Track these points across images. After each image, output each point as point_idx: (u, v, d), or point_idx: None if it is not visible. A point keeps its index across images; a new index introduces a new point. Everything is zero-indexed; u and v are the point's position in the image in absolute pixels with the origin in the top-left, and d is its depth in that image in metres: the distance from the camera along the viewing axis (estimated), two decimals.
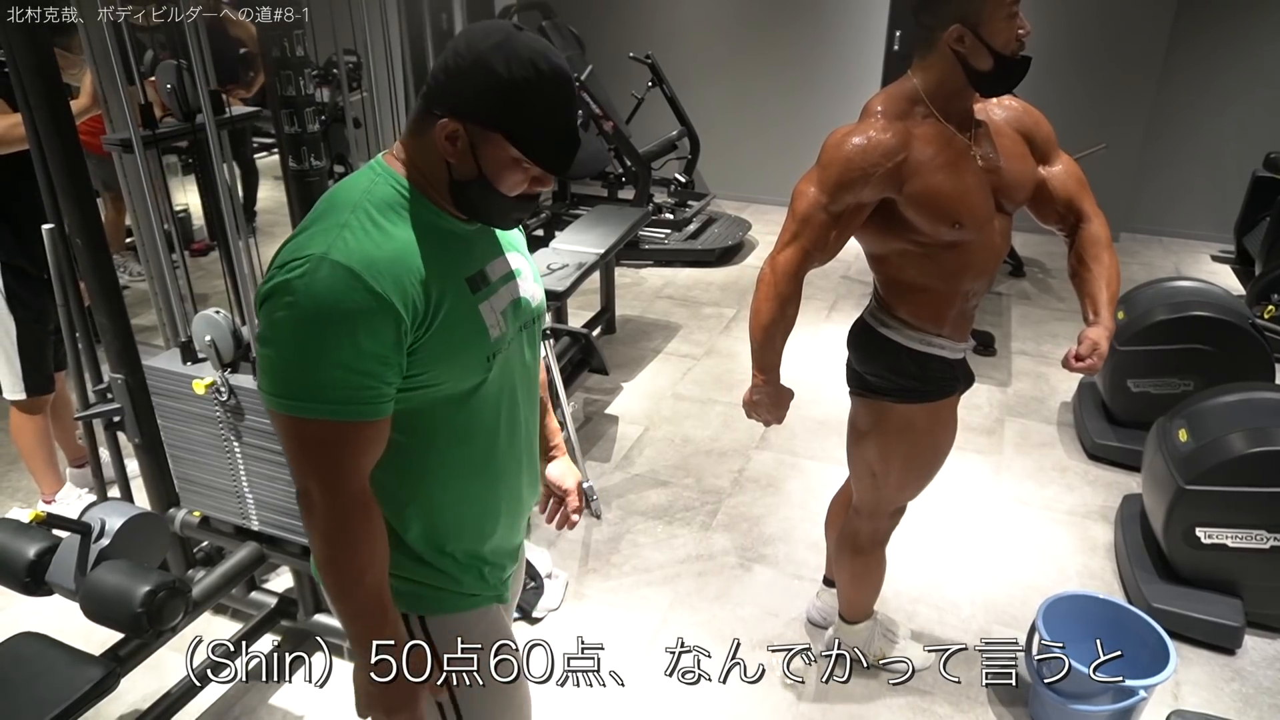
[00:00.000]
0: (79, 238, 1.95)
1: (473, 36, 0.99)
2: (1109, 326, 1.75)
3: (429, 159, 1.04)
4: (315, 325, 0.96)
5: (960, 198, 1.67)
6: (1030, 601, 2.55)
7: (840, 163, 1.64)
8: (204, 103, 1.81)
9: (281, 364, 0.98)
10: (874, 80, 5.98)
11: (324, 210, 1.04)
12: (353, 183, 1.06)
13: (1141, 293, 3.32)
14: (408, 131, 1.07)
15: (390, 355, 1.00)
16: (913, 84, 1.67)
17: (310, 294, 0.95)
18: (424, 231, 1.04)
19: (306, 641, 2.37)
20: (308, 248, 0.98)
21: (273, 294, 0.98)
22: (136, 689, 2.17)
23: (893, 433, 1.91)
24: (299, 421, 0.99)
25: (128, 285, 4.40)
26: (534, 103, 0.99)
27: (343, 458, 1.02)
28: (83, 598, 1.66)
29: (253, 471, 2.05)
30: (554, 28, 5.30)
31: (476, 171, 1.03)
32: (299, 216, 2.01)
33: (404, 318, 0.99)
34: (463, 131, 1.00)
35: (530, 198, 1.09)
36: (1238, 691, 2.26)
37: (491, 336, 1.10)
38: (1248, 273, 5.04)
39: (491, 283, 1.13)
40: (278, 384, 0.99)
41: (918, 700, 2.23)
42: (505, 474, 1.24)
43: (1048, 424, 3.57)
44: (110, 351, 2.07)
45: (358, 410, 1.00)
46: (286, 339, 0.97)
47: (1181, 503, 2.37)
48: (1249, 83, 5.36)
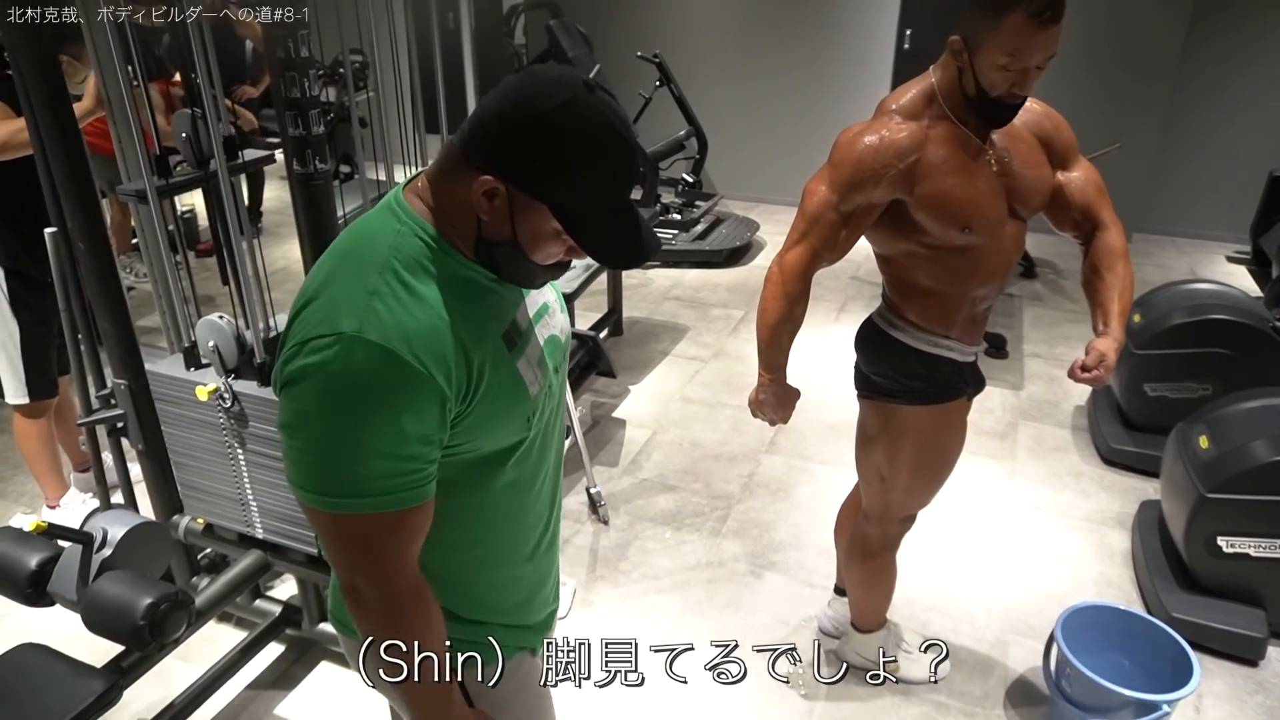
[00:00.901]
0: (82, 241, 1.92)
1: (535, 89, 0.86)
2: (1118, 338, 1.71)
3: (459, 209, 0.92)
4: (352, 413, 0.86)
5: (971, 202, 1.64)
6: (1047, 610, 2.50)
7: (852, 162, 1.62)
8: (217, 149, 1.80)
9: (315, 458, 0.88)
10: (884, 79, 5.93)
11: (347, 268, 0.92)
12: (376, 233, 0.94)
13: (1158, 295, 3.27)
14: (438, 172, 0.94)
15: (435, 434, 0.91)
16: (931, 81, 1.64)
17: (345, 379, 0.85)
18: (455, 289, 0.93)
19: (312, 650, 2.35)
20: (336, 323, 0.86)
21: (298, 377, 0.87)
22: (141, 698, 2.14)
23: (900, 435, 1.88)
24: (339, 518, 0.90)
25: (133, 286, 4.38)
26: (591, 182, 0.88)
27: (392, 549, 0.94)
28: (84, 609, 1.63)
29: (257, 479, 2.02)
30: (562, 27, 5.26)
31: (510, 235, 0.92)
32: (304, 221, 1.98)
33: (448, 394, 0.90)
34: (503, 192, 0.88)
35: (563, 265, 0.99)
36: (1261, 704, 2.22)
37: (531, 394, 1.02)
38: (1264, 274, 4.98)
39: (524, 332, 1.03)
40: (312, 478, 0.89)
41: (931, 711, 2.19)
42: (539, 519, 1.16)
43: (1061, 428, 3.53)
44: (113, 357, 2.04)
45: (404, 498, 0.91)
46: (320, 430, 0.87)
47: (1203, 511, 2.32)
48: (1265, 84, 5.29)
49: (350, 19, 2.15)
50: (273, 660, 2.32)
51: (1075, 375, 1.70)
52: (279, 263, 5.03)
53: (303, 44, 1.64)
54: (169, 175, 1.94)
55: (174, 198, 2.06)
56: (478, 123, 0.89)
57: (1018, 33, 1.47)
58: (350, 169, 5.42)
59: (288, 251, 5.24)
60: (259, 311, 1.95)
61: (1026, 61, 1.50)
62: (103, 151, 3.38)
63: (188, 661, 2.26)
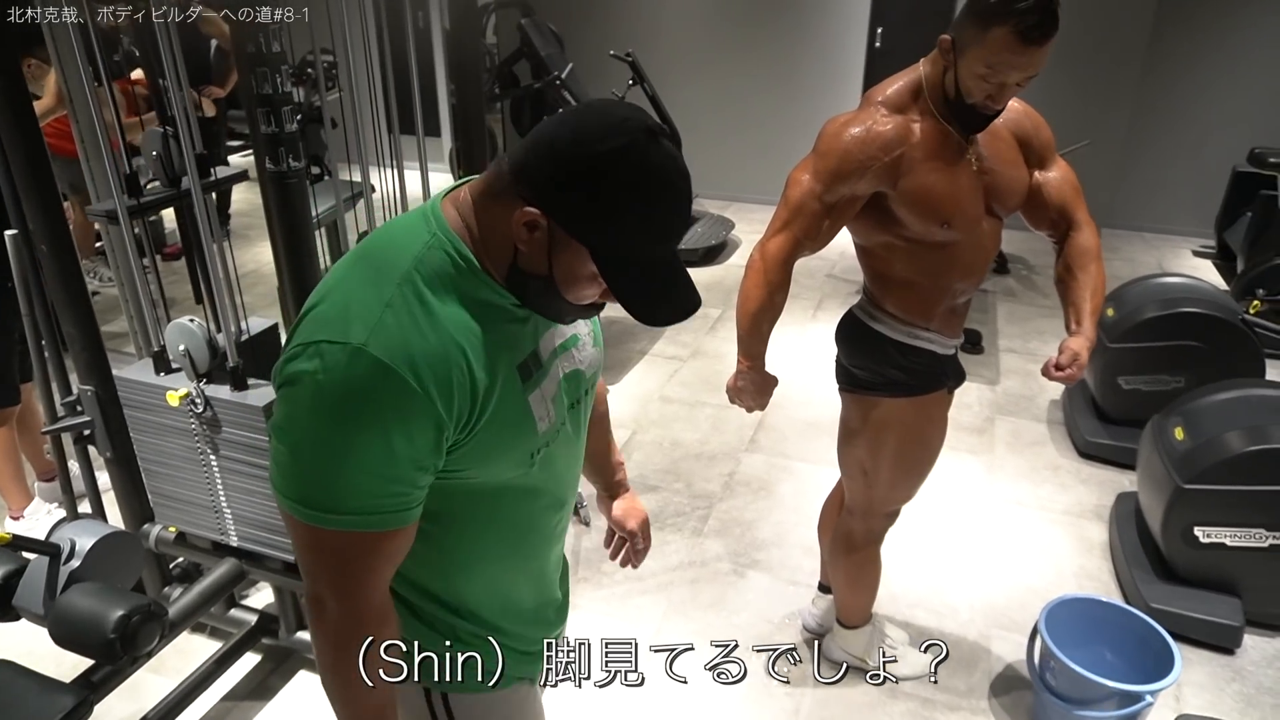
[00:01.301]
0: (44, 244, 1.86)
1: (596, 128, 0.82)
2: (1090, 337, 1.74)
3: (497, 232, 0.88)
4: (343, 426, 0.83)
5: (952, 198, 1.65)
6: (1029, 604, 2.52)
7: (838, 153, 1.62)
8: (190, 168, 1.76)
9: (300, 464, 0.85)
10: (856, 78, 5.96)
11: (367, 272, 0.89)
12: (404, 240, 0.90)
13: (1131, 289, 3.31)
14: (483, 189, 0.90)
15: (426, 459, 0.87)
16: (920, 75, 1.65)
17: (340, 388, 0.82)
18: (475, 312, 0.89)
19: (290, 659, 2.30)
20: (344, 330, 0.83)
21: (296, 379, 0.84)
22: (112, 713, 2.08)
23: (881, 429, 1.89)
24: (315, 530, 0.87)
25: (98, 291, 4.28)
26: (638, 234, 0.84)
27: (364, 570, 0.91)
28: (52, 623, 1.58)
29: (230, 485, 1.97)
30: (533, 25, 5.22)
31: (545, 270, 0.87)
32: (277, 220, 1.94)
33: (446, 421, 0.86)
34: (544, 226, 0.84)
35: (597, 306, 0.94)
36: (1239, 692, 2.24)
37: (539, 430, 0.97)
38: (1229, 268, 5.06)
39: (544, 364, 0.98)
40: (293, 485, 0.86)
41: (918, 707, 2.19)
42: (538, 554, 1.13)
43: (1038, 422, 3.55)
44: (79, 363, 1.99)
45: (384, 520, 0.87)
46: (308, 436, 0.84)
47: (1179, 502, 2.34)
48: (1229, 81, 5.39)
49: (319, 17, 2.10)
50: (249, 670, 2.26)
51: (1049, 374, 1.73)
52: (248, 265, 4.95)
53: (274, 39, 1.60)
54: (140, 194, 1.89)
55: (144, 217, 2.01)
56: (531, 150, 0.85)
57: (1002, 47, 1.48)
58: (321, 170, 5.34)
59: (257, 254, 5.15)
60: (230, 314, 1.91)
61: (1004, 76, 1.52)
62: (64, 153, 3.29)
63: (161, 674, 2.20)
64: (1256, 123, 5.34)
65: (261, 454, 1.88)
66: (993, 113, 1.60)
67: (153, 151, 1.92)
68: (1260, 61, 5.25)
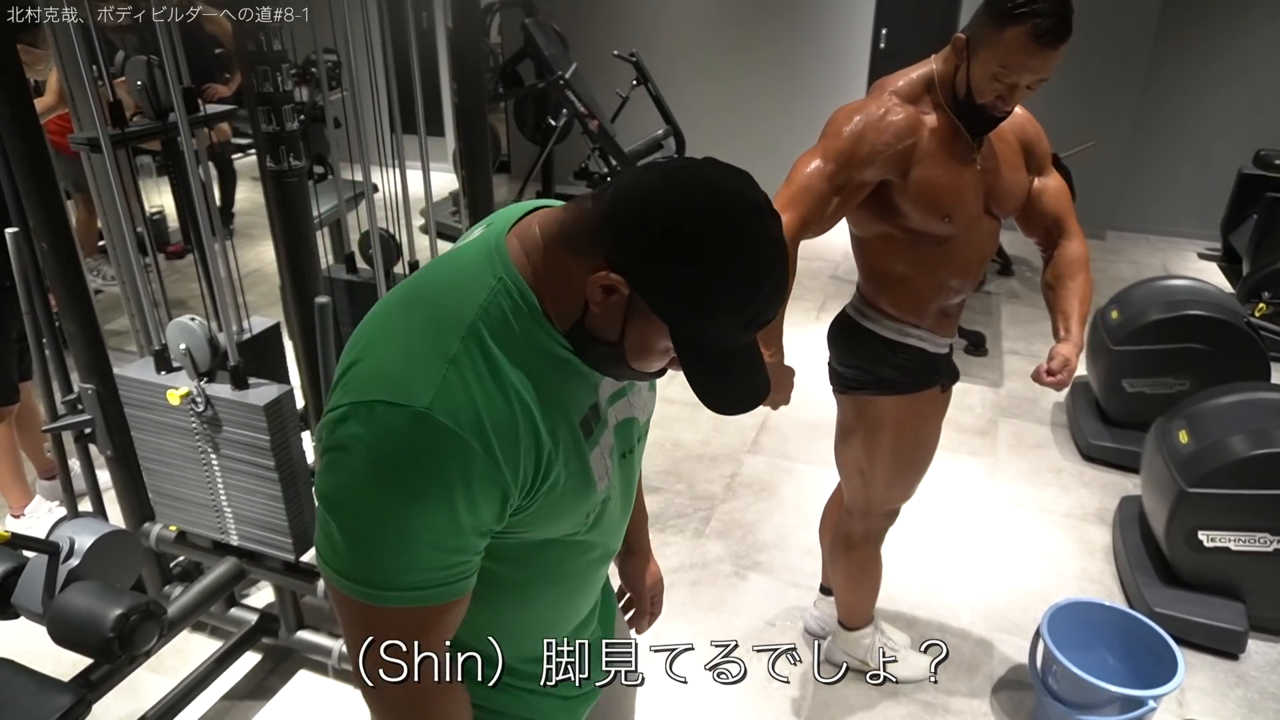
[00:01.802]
0: (45, 241, 1.86)
1: (699, 203, 0.74)
2: (1079, 343, 1.75)
3: (568, 285, 0.80)
4: (404, 496, 0.75)
5: (955, 192, 1.67)
6: (1031, 607, 2.51)
7: (851, 136, 1.61)
8: (176, 101, 1.72)
9: (354, 540, 0.77)
10: (860, 78, 5.95)
11: (426, 320, 0.80)
12: (467, 283, 0.81)
13: (1135, 291, 3.29)
14: (559, 233, 0.81)
15: (489, 527, 0.81)
16: (932, 69, 1.66)
17: (401, 457, 0.74)
18: (541, 365, 0.82)
19: (289, 659, 2.29)
20: (405, 391, 0.75)
21: (347, 445, 0.75)
22: (110, 712, 2.08)
23: (875, 428, 1.89)
24: (370, 609, 0.80)
25: (100, 290, 4.28)
26: (727, 323, 0.77)
27: (424, 644, 0.83)
28: (50, 622, 1.57)
29: (231, 484, 1.97)
30: (537, 25, 5.22)
31: (616, 337, 0.81)
32: (278, 220, 1.93)
33: (512, 490, 0.80)
34: (624, 295, 0.77)
35: (660, 372, 0.89)
36: (1242, 697, 2.23)
37: (598, 489, 0.91)
38: (1234, 270, 5.04)
39: (602, 415, 0.91)
40: (345, 562, 0.78)
41: (919, 710, 2.18)
42: (579, 605, 1.08)
43: (1041, 425, 3.54)
44: (79, 361, 1.98)
45: (445, 592, 0.81)
46: (364, 510, 0.76)
47: (1183, 505, 2.33)
48: (1234, 81, 5.37)
49: (322, 17, 2.10)
50: (249, 670, 2.26)
51: (1040, 379, 1.73)
52: (251, 264, 4.95)
53: (274, 38, 1.59)
54: (124, 124, 1.82)
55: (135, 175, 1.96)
56: (623, 207, 0.76)
57: (1016, 48, 1.49)
58: (324, 169, 5.34)
59: (260, 254, 5.15)
60: (232, 313, 1.90)
61: (1016, 78, 1.53)
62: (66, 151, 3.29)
63: (160, 673, 2.20)
64: (1262, 125, 5.32)
65: (262, 453, 1.88)
66: (1001, 115, 1.61)
67: (137, 81, 1.85)
68: (1265, 64, 5.24)
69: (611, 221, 0.76)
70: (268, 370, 2.00)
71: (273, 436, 1.85)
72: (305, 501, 1.98)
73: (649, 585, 1.34)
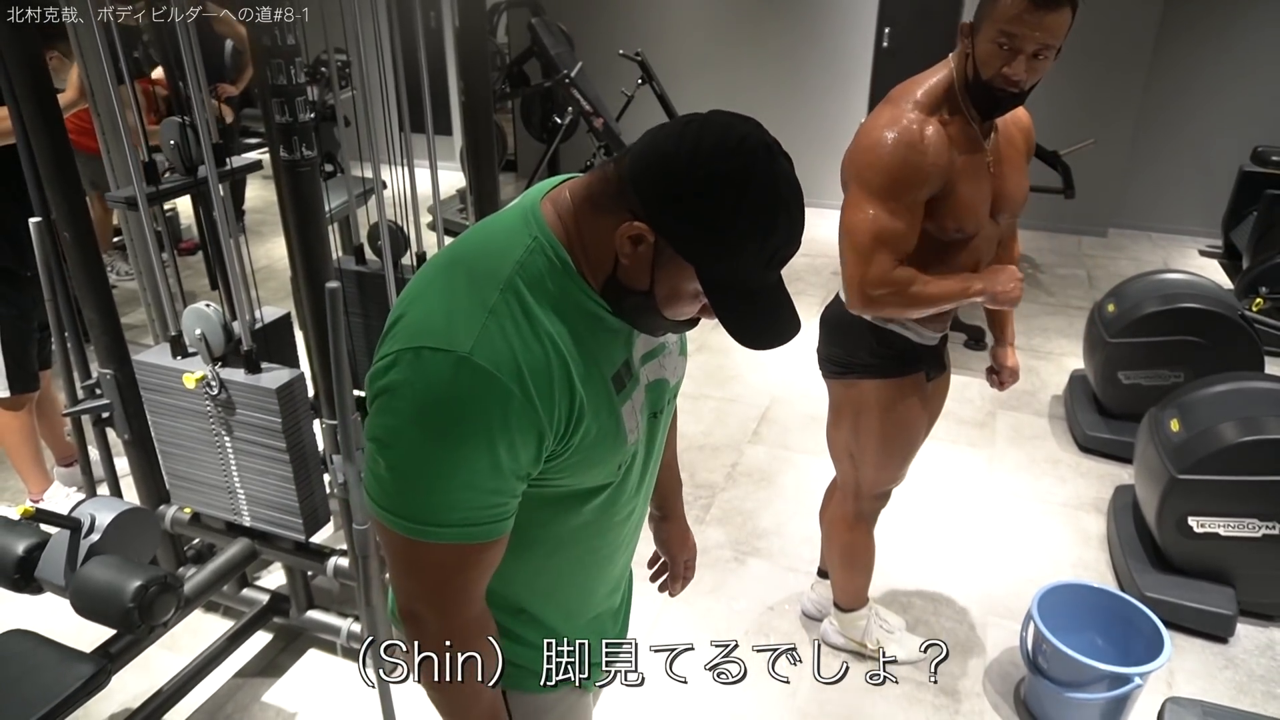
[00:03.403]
0: (67, 231, 1.93)
1: (715, 146, 0.79)
2: (1013, 342, 2.04)
3: (598, 242, 0.86)
4: (448, 439, 0.80)
5: (973, 203, 1.68)
6: (1025, 593, 2.53)
7: (894, 167, 1.58)
8: (208, 157, 1.82)
9: (401, 478, 0.83)
10: (864, 77, 5.99)
11: (467, 275, 0.85)
12: (505, 243, 0.87)
13: (1131, 285, 3.34)
14: (587, 194, 0.87)
15: (527, 470, 0.86)
16: (949, 69, 1.64)
17: (445, 398, 0.79)
18: (576, 318, 0.87)
19: (300, 639, 2.36)
20: (447, 337, 0.80)
21: (395, 388, 0.81)
22: (127, 688, 2.14)
23: (861, 411, 1.95)
24: (414, 544, 0.85)
25: (115, 285, 4.34)
26: (751, 259, 0.82)
27: (464, 582, 0.89)
28: (73, 594, 1.64)
29: (244, 467, 2.03)
30: (543, 24, 5.28)
31: (646, 286, 0.85)
32: (291, 210, 2.00)
33: (548, 431, 0.85)
34: (650, 243, 0.82)
35: (692, 321, 0.93)
36: (1231, 679, 2.27)
37: (629, 442, 0.96)
38: (1235, 267, 5.07)
39: (634, 373, 0.96)
40: (392, 498, 0.84)
41: (914, 691, 2.23)
42: (603, 564, 1.12)
43: (1039, 417, 3.58)
44: (99, 346, 2.05)
45: (486, 531, 0.86)
46: (410, 449, 0.81)
47: (1174, 492, 2.37)
48: (1235, 78, 5.40)
49: (334, 17, 2.16)
50: (260, 649, 2.33)
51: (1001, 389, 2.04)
52: (261, 260, 5.03)
53: (289, 32, 1.66)
54: (158, 182, 1.95)
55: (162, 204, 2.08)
56: (642, 160, 0.81)
57: (1013, 14, 1.49)
58: (334, 167, 5.42)
59: (270, 250, 5.24)
60: (245, 301, 1.97)
61: (1019, 44, 1.51)
62: (85, 149, 3.37)
63: (174, 651, 2.27)
64: (1263, 123, 5.35)
65: (274, 435, 1.94)
66: (1009, 91, 1.56)
67: (170, 141, 1.98)
68: (1267, 62, 5.26)
69: (632, 177, 0.82)
70: (278, 358, 2.06)
71: (284, 419, 1.91)
72: (315, 483, 2.05)
73: (683, 550, 1.42)
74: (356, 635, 2.20)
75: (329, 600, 2.37)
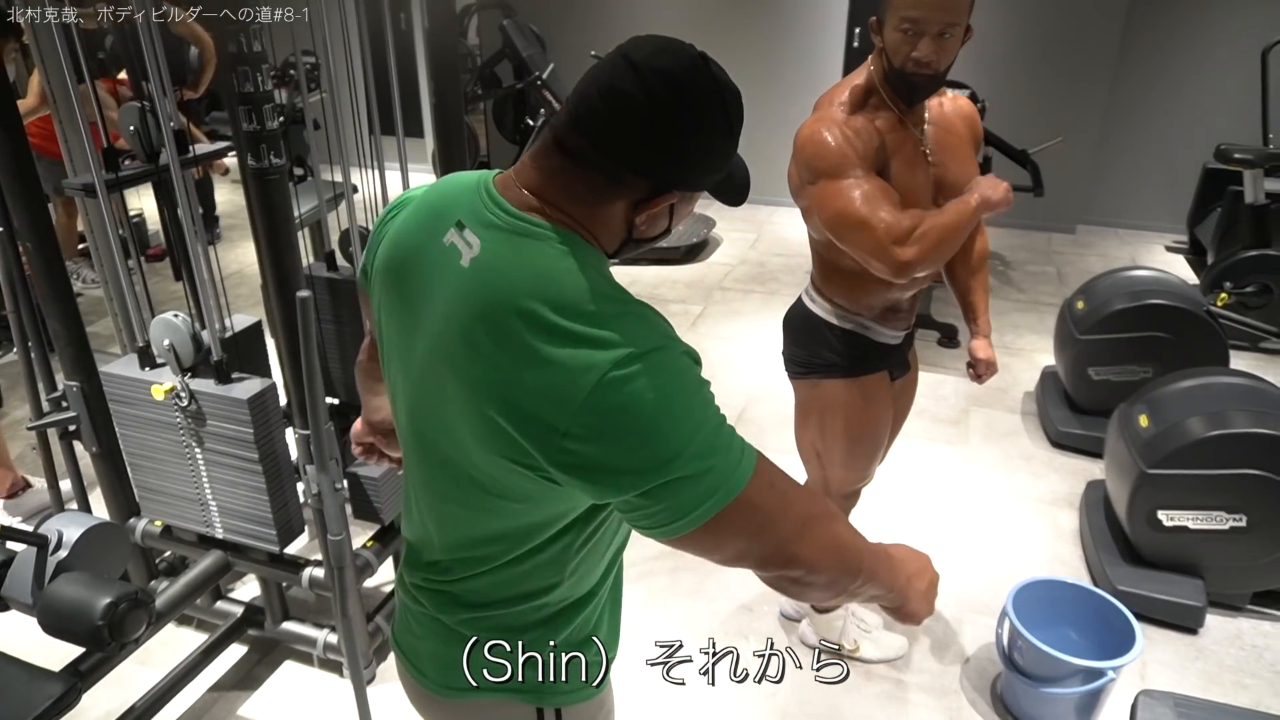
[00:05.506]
0: (29, 241, 1.89)
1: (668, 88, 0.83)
2: (988, 334, 2.01)
3: (612, 224, 0.90)
4: (697, 395, 0.83)
5: (911, 192, 1.70)
6: (1001, 589, 2.57)
7: (839, 145, 1.61)
8: (168, 142, 1.78)
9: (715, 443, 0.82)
10: (835, 77, 6.01)
11: (593, 294, 0.83)
12: (586, 272, 0.85)
13: (1100, 282, 3.38)
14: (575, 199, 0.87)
15: None
16: (868, 72, 1.69)
17: (682, 368, 0.84)
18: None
19: (275, 650, 2.33)
20: (646, 338, 0.82)
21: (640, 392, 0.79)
22: (99, 704, 2.11)
23: (825, 410, 1.97)
24: (740, 503, 0.83)
25: (81, 293, 4.29)
26: (734, 148, 0.92)
27: (783, 495, 0.88)
28: (40, 612, 1.61)
29: (216, 478, 2.01)
30: (515, 26, 5.26)
31: (665, 227, 0.94)
32: (260, 218, 1.97)
33: None
34: (675, 198, 0.90)
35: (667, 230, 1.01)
36: (1202, 670, 2.31)
37: None
38: (1200, 263, 5.15)
39: None
40: (726, 465, 0.82)
41: (892, 688, 2.24)
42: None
43: (1012, 413, 3.63)
44: (64, 358, 2.02)
45: (751, 449, 0.87)
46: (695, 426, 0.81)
47: (1144, 486, 2.41)
48: (1199, 77, 5.49)
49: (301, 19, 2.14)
50: (235, 661, 2.30)
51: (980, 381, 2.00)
52: (232, 266, 4.96)
53: (255, 39, 1.64)
54: (118, 169, 1.91)
55: (123, 195, 2.03)
56: (620, 142, 0.84)
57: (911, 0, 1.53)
58: (304, 171, 5.36)
59: (240, 255, 5.17)
60: (214, 310, 1.94)
61: (922, 27, 1.54)
62: (47, 154, 3.30)
63: (147, 666, 2.23)
64: (1226, 120, 5.44)
65: (246, 446, 1.92)
66: (923, 75, 1.59)
67: (130, 127, 1.92)
68: (1227, 61, 5.36)
69: (626, 160, 0.85)
70: (250, 367, 2.04)
71: (256, 429, 1.89)
72: (289, 494, 2.02)
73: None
74: (333, 646, 2.18)
75: (305, 611, 2.34)
